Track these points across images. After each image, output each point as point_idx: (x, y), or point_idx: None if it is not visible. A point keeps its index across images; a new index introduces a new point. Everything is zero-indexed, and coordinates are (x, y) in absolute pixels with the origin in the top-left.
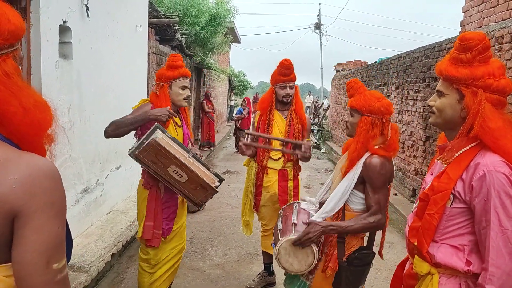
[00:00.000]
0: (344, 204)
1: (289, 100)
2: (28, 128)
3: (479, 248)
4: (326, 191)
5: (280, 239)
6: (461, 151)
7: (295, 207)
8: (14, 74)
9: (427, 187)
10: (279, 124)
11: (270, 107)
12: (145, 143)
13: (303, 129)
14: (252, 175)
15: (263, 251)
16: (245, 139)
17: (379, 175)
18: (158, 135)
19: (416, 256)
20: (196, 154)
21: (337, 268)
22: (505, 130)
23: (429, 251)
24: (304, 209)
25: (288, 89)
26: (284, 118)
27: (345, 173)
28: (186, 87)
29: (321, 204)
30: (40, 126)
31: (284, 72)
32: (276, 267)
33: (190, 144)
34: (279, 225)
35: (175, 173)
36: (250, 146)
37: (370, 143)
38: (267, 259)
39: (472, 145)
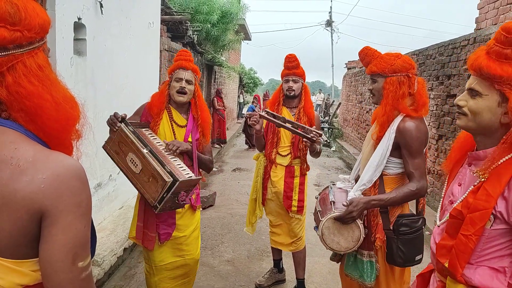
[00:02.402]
0: (381, 173)
1: (291, 94)
2: (58, 124)
3: None
4: (360, 166)
5: (321, 219)
6: (500, 162)
7: (331, 187)
8: (46, 67)
9: (458, 201)
10: None
11: (278, 103)
12: (111, 133)
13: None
14: (260, 170)
15: (272, 248)
16: (259, 114)
17: (416, 139)
18: (122, 126)
19: (448, 277)
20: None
21: (385, 239)
22: None
23: (464, 274)
24: (341, 188)
25: (291, 82)
26: (293, 115)
27: (377, 139)
28: (180, 79)
29: (357, 180)
30: (68, 121)
31: (287, 65)
32: (286, 264)
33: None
34: (318, 207)
35: (132, 162)
36: (264, 118)
37: (401, 103)
38: (277, 255)
39: (511, 155)
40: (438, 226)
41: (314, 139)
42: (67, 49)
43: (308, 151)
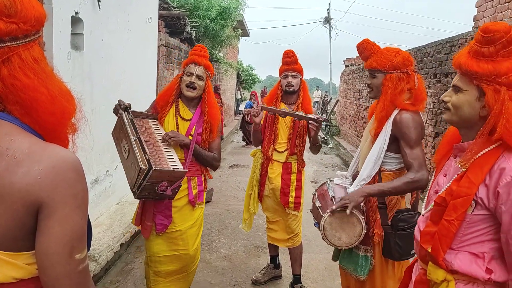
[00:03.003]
0: (379, 167)
1: (291, 90)
2: (54, 117)
3: (503, 256)
4: (357, 162)
5: (322, 215)
6: (481, 153)
7: (329, 184)
8: (42, 61)
9: (442, 190)
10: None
11: (276, 99)
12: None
13: None
14: (257, 166)
15: (269, 244)
16: (261, 106)
17: (412, 129)
18: (123, 114)
19: (430, 263)
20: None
21: (383, 233)
22: None
23: (445, 258)
24: (339, 184)
25: (290, 78)
26: (290, 111)
27: (375, 135)
28: (191, 73)
29: (355, 176)
30: (64, 115)
31: (286, 61)
32: (282, 260)
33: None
34: (317, 203)
35: (123, 148)
36: (265, 109)
37: (398, 99)
38: (273, 251)
39: (493, 146)
40: (423, 215)
41: (321, 119)
42: (64, 43)
43: (305, 148)
